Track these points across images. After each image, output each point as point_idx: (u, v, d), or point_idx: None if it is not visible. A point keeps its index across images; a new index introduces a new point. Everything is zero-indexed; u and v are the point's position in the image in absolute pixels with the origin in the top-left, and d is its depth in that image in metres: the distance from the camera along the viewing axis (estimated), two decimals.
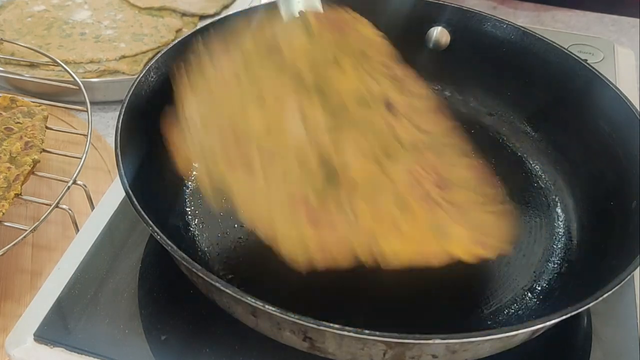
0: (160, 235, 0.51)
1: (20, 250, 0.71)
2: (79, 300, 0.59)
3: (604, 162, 0.68)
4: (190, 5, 1.05)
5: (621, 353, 0.58)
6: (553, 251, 0.66)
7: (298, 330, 0.50)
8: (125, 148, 0.58)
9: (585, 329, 0.60)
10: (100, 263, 0.63)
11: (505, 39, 0.77)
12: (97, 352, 0.56)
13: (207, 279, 0.49)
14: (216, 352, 0.56)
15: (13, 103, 0.77)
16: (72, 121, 0.86)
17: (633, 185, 0.62)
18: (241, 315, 0.53)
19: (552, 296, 0.61)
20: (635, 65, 0.97)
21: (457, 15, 0.80)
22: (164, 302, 0.60)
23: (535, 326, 0.48)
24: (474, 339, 0.48)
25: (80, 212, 0.71)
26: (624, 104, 0.66)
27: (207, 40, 0.64)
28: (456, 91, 0.83)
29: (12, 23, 1.00)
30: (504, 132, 0.79)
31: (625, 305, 0.62)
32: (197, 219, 0.67)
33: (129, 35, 0.98)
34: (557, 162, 0.74)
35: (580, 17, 1.17)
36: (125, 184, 0.55)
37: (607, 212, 0.64)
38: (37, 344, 0.56)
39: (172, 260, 0.58)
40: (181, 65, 0.61)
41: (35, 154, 0.71)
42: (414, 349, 0.49)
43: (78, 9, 1.04)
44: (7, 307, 0.66)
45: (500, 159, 0.75)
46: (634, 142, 0.64)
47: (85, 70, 0.92)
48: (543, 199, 0.71)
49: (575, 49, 0.94)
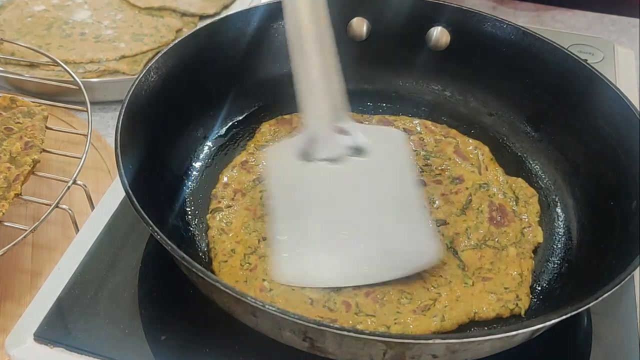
0: (160, 235, 0.51)
1: (20, 250, 0.71)
2: (79, 300, 0.59)
3: (604, 162, 0.68)
4: (190, 5, 1.05)
5: (621, 353, 0.58)
6: (553, 251, 0.66)
7: (298, 330, 0.50)
8: (125, 148, 0.58)
9: (585, 329, 0.60)
10: (100, 263, 0.63)
11: (505, 39, 0.77)
12: (97, 352, 0.56)
13: (207, 279, 0.49)
14: (216, 352, 0.56)
15: (13, 103, 0.77)
16: (72, 121, 0.86)
17: (633, 185, 0.62)
18: (241, 315, 0.53)
19: (552, 296, 0.61)
20: (635, 65, 0.97)
21: (457, 15, 0.80)
22: (164, 302, 0.60)
23: (535, 326, 0.48)
24: (474, 339, 0.48)
25: (80, 212, 0.71)
26: (624, 104, 0.66)
27: None
28: (456, 91, 0.83)
29: (12, 23, 1.00)
30: (504, 132, 0.79)
31: (625, 305, 0.62)
32: (197, 219, 0.67)
33: (129, 35, 0.98)
34: (557, 162, 0.74)
35: (580, 17, 1.17)
36: (125, 184, 0.55)
37: (607, 212, 0.64)
38: (37, 344, 0.56)
39: (172, 260, 0.58)
40: None
41: (35, 154, 0.71)
42: (414, 349, 0.49)
43: (78, 9, 1.04)
44: (7, 307, 0.66)
45: (500, 159, 0.75)
46: (634, 142, 0.64)
47: (85, 70, 0.92)
48: (543, 199, 0.71)
49: (575, 49, 0.94)
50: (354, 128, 0.66)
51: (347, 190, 0.64)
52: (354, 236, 0.62)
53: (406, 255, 0.61)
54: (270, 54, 0.80)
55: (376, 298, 0.59)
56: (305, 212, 0.64)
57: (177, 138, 0.71)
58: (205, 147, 0.74)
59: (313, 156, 0.65)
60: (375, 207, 0.64)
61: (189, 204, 0.68)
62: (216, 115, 0.77)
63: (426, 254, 0.61)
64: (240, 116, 0.79)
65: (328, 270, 0.61)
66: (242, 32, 0.76)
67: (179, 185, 0.69)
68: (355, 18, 0.80)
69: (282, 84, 0.82)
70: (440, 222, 0.66)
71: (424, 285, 0.60)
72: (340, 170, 0.65)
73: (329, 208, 0.64)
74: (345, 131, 0.65)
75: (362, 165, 0.65)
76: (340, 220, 0.63)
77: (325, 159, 0.65)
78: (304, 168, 0.65)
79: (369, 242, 0.62)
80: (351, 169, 0.65)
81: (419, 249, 0.61)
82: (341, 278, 0.60)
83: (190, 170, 0.72)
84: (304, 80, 0.64)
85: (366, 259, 0.61)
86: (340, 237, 0.62)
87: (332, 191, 0.65)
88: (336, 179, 0.65)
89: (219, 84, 0.76)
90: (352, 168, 0.65)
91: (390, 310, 0.58)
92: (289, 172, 0.66)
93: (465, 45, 0.80)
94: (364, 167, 0.65)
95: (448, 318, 0.58)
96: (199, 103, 0.74)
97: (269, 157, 0.69)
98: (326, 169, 0.65)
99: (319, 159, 0.65)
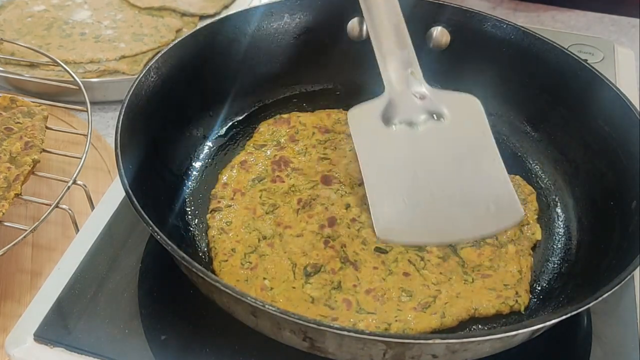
0: (160, 235, 0.51)
1: (20, 250, 0.71)
2: (79, 300, 0.59)
3: (604, 162, 0.68)
4: (190, 5, 1.05)
5: (621, 353, 0.58)
6: (553, 251, 0.66)
7: (298, 330, 0.50)
8: (125, 148, 0.58)
9: (585, 329, 0.60)
10: (100, 263, 0.63)
11: (505, 39, 0.77)
12: (97, 352, 0.56)
13: (207, 279, 0.49)
14: (216, 352, 0.56)
15: (13, 103, 0.77)
16: (72, 121, 0.86)
17: (633, 185, 0.62)
18: (241, 315, 0.53)
19: (552, 296, 0.61)
20: (635, 65, 0.97)
21: (457, 15, 0.80)
22: (164, 302, 0.60)
23: (535, 326, 0.48)
24: (474, 338, 0.48)
25: (80, 212, 0.71)
26: (624, 104, 0.66)
27: None
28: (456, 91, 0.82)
29: (12, 23, 1.00)
30: (504, 132, 0.79)
31: (625, 305, 0.62)
32: (197, 219, 0.67)
33: (129, 35, 0.98)
34: (557, 162, 0.74)
35: (580, 17, 1.17)
36: (125, 184, 0.55)
37: (607, 212, 0.64)
38: (37, 344, 0.56)
39: (172, 260, 0.58)
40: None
41: (35, 154, 0.71)
42: (414, 349, 0.49)
43: (78, 9, 1.04)
44: (7, 307, 0.66)
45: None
46: (634, 142, 0.64)
47: (85, 70, 0.92)
48: (543, 199, 0.71)
49: (575, 49, 0.94)
50: (431, 92, 0.69)
51: (428, 154, 0.68)
52: (442, 196, 0.66)
53: (491, 215, 0.65)
54: (269, 54, 0.80)
55: (377, 295, 0.59)
56: (394, 173, 0.67)
57: (177, 138, 0.71)
58: (205, 147, 0.74)
59: (393, 120, 0.68)
60: (456, 169, 0.67)
61: (189, 204, 0.68)
62: (216, 115, 0.77)
63: (510, 214, 0.65)
64: (240, 116, 0.79)
65: (419, 227, 0.65)
66: (242, 32, 0.76)
67: (179, 185, 0.69)
68: (355, 18, 0.80)
69: (282, 84, 0.82)
70: None
71: (424, 282, 0.61)
72: (419, 134, 0.68)
73: (412, 171, 0.67)
74: (423, 95, 0.68)
75: (441, 129, 0.69)
76: (428, 181, 0.66)
77: (404, 122, 0.68)
78: (386, 132, 0.68)
79: (453, 202, 0.65)
80: (430, 132, 0.68)
81: (503, 210, 0.65)
82: (431, 236, 0.64)
83: (190, 170, 0.72)
84: (380, 41, 0.69)
85: (451, 219, 0.65)
86: (430, 197, 0.66)
87: (413, 154, 0.68)
88: (416, 143, 0.68)
89: (219, 84, 0.76)
90: (432, 132, 0.68)
91: (391, 308, 0.58)
92: (371, 134, 0.68)
93: (465, 45, 0.80)
94: (443, 131, 0.69)
95: (448, 315, 0.58)
96: (198, 103, 0.74)
97: (352, 119, 0.70)
98: (406, 132, 0.68)
99: (399, 122, 0.68)
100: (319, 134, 0.76)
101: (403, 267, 0.62)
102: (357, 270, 0.61)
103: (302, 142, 0.75)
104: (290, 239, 0.64)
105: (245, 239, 0.64)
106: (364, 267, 0.61)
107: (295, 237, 0.64)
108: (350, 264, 0.62)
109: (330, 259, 0.62)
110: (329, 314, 0.58)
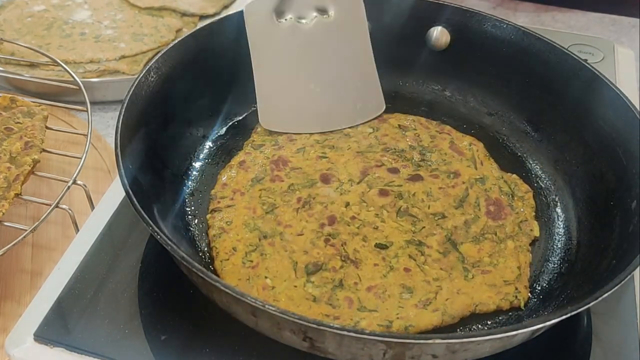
0: (160, 235, 0.51)
1: (20, 250, 0.71)
2: (79, 300, 0.59)
3: (604, 162, 0.68)
4: (190, 5, 1.05)
5: (621, 353, 0.58)
6: (553, 251, 0.66)
7: (298, 330, 0.50)
8: (125, 148, 0.58)
9: (585, 329, 0.60)
10: (100, 263, 0.63)
11: (505, 39, 0.77)
12: (97, 352, 0.56)
13: (207, 279, 0.49)
14: (216, 352, 0.56)
15: (13, 103, 0.77)
16: (72, 121, 0.86)
17: (633, 186, 0.62)
18: (241, 315, 0.53)
19: (552, 296, 0.61)
20: (635, 65, 0.97)
21: (457, 15, 0.80)
22: (164, 302, 0.60)
23: (535, 326, 0.48)
24: (474, 339, 0.48)
25: (80, 212, 0.71)
26: (624, 104, 0.66)
27: None
28: (456, 91, 0.83)
29: (12, 23, 1.00)
30: (504, 132, 0.79)
31: (625, 305, 0.62)
32: (197, 219, 0.67)
33: (129, 35, 0.98)
34: (557, 162, 0.74)
35: (580, 17, 1.17)
36: (125, 184, 0.55)
37: (607, 212, 0.64)
38: (37, 344, 0.56)
39: (172, 260, 0.58)
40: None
41: (35, 154, 0.71)
42: (414, 349, 0.49)
43: (78, 9, 1.04)
44: (7, 307, 0.66)
45: (500, 159, 0.75)
46: (634, 142, 0.64)
47: (85, 70, 0.92)
48: (543, 199, 0.71)
49: (575, 49, 0.94)
50: None
51: (311, 50, 0.77)
52: (320, 89, 0.76)
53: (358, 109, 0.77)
54: None
55: (378, 293, 0.59)
56: (280, 66, 0.76)
57: (177, 138, 0.71)
58: (205, 147, 0.74)
59: (284, 14, 0.76)
60: (334, 66, 0.77)
61: (189, 204, 0.68)
62: (216, 115, 0.77)
63: (374, 108, 0.78)
64: (239, 116, 0.79)
65: (302, 118, 0.76)
66: (242, 32, 0.76)
67: (179, 185, 0.69)
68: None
69: None
70: (439, 215, 0.67)
71: (425, 278, 0.61)
72: (306, 30, 0.76)
73: (299, 63, 0.76)
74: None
75: (325, 25, 0.77)
76: (309, 74, 0.76)
77: (295, 16, 0.76)
78: (277, 27, 0.76)
79: (331, 95, 0.77)
80: (316, 28, 0.77)
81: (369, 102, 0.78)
82: (313, 125, 0.76)
83: (190, 170, 0.72)
84: None
85: (329, 110, 0.76)
86: (309, 90, 0.76)
87: (298, 49, 0.76)
88: (302, 37, 0.76)
89: (219, 84, 0.76)
90: (317, 27, 0.77)
91: (393, 305, 0.59)
92: (264, 29, 0.75)
93: (465, 45, 0.80)
94: (327, 27, 0.77)
95: (450, 311, 0.58)
96: (198, 103, 0.74)
97: (248, 14, 0.75)
98: (295, 27, 0.76)
99: (289, 16, 0.76)
100: (317, 132, 0.76)
101: (404, 263, 0.62)
102: (358, 267, 0.61)
103: (300, 141, 0.75)
104: (291, 237, 0.64)
105: (246, 237, 0.64)
106: (364, 265, 0.62)
107: (295, 235, 0.64)
108: (351, 262, 0.62)
109: (331, 257, 0.62)
110: (331, 312, 0.58)
